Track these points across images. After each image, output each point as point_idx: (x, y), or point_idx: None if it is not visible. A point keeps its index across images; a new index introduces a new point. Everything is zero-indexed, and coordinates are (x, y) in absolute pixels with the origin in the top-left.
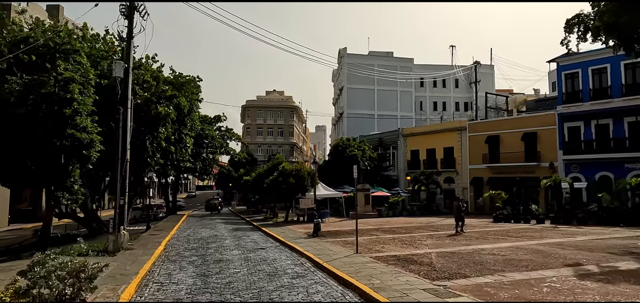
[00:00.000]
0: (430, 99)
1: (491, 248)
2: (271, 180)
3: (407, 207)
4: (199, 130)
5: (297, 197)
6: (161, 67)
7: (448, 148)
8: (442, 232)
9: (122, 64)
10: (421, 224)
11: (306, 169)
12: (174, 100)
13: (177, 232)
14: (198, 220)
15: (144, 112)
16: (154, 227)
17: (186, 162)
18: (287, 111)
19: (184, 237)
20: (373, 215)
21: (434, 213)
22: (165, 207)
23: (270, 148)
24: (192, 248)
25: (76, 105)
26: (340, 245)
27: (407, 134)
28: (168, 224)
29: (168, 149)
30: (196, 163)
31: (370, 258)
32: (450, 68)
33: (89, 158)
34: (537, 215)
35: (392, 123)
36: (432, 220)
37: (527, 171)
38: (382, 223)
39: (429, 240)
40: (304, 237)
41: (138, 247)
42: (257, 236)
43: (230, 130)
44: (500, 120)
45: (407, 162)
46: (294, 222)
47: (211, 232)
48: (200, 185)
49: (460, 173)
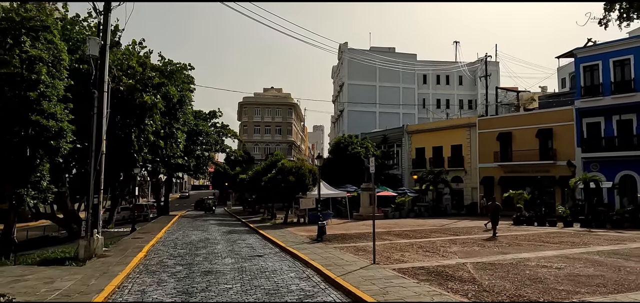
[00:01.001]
0: (434, 96)
1: (536, 258)
2: (269, 178)
3: (414, 208)
4: (192, 125)
5: (297, 196)
6: (149, 53)
7: (456, 146)
8: (463, 235)
9: (97, 40)
10: (435, 227)
11: (307, 166)
12: (162, 89)
13: (164, 234)
14: (190, 222)
15: (129, 101)
16: (140, 229)
17: (178, 159)
18: (285, 108)
19: (171, 241)
20: (379, 216)
21: (442, 215)
22: (157, 207)
23: (267, 146)
24: (178, 255)
25: (43, 88)
26: (352, 253)
27: (412, 131)
28: (156, 226)
29: (157, 144)
30: (189, 161)
31: (393, 271)
32: (454, 64)
33: (58, 150)
34: (565, 217)
35: (394, 120)
36: (443, 222)
37: (542, 170)
38: (391, 225)
39: (453, 247)
40: (307, 242)
41: (114, 254)
42: (253, 240)
43: (226, 127)
44: (512, 116)
45: (412, 160)
46: (294, 223)
47: (202, 234)
48: (196, 184)
49: (469, 173)
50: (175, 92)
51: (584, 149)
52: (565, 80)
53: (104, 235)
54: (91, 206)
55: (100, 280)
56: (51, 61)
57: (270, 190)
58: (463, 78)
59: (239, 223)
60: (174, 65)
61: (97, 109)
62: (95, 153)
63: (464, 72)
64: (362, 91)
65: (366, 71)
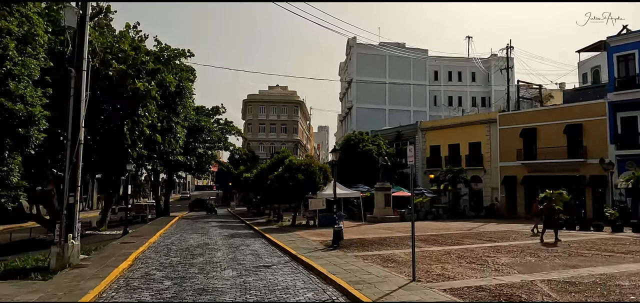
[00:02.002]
0: (445, 93)
1: (620, 275)
2: (276, 177)
3: (431, 210)
4: (193, 121)
5: (306, 196)
6: (144, 37)
7: (474, 143)
8: (502, 241)
9: (75, 9)
10: (462, 231)
11: (317, 164)
12: (158, 76)
13: (159, 238)
14: (189, 224)
15: (119, 88)
16: (133, 232)
17: (177, 155)
18: (290, 106)
19: (165, 246)
20: (395, 218)
21: (461, 217)
22: (156, 207)
23: (272, 145)
24: (169, 264)
25: (10, 66)
26: (379, 265)
27: (426, 128)
28: (152, 228)
29: (153, 138)
30: (190, 159)
31: (443, 293)
32: (466, 60)
33: (28, 140)
34: (613, 221)
35: (405, 118)
36: (468, 225)
37: (571, 169)
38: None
39: (501, 257)
40: (321, 249)
41: (94, 263)
42: (259, 246)
43: (229, 123)
44: (537, 110)
45: (426, 159)
46: (303, 226)
47: (202, 238)
48: (200, 185)
49: (489, 172)
50: (172, 80)
51: (618, 146)
52: (586, 75)
53: (93, 239)
54: (66, 206)
55: (64, 298)
56: (22, 36)
57: (277, 190)
58: (476, 74)
59: (243, 225)
60: (172, 51)
61: (74, 90)
62: (72, 143)
63: (478, 66)
64: (372, 88)
65: (375, 67)
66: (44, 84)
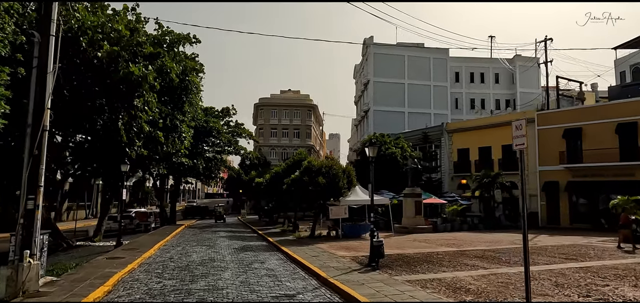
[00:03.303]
0: (467, 96)
1: None
2: (293, 180)
3: (466, 220)
4: (202, 121)
5: (327, 203)
6: (144, 20)
7: (508, 146)
8: (593, 261)
9: None
10: (517, 244)
11: (339, 166)
12: (157, 61)
13: (157, 251)
14: (195, 234)
15: (110, 74)
16: (128, 244)
17: (181, 157)
18: (303, 110)
19: (161, 263)
20: (427, 228)
21: (497, 227)
22: (161, 215)
23: (284, 151)
24: (159, 291)
25: None
26: (448, 296)
27: (453, 129)
28: (152, 239)
29: (154, 136)
30: (198, 163)
31: None
32: (489, 61)
33: None
34: None
35: (425, 121)
36: (514, 236)
37: (624, 173)
38: (452, 240)
39: (619, 285)
40: (356, 269)
41: (59, 289)
42: (275, 262)
43: (240, 125)
44: (582, 108)
45: (454, 163)
46: (323, 237)
47: (207, 252)
48: (210, 192)
49: (526, 177)
50: (174, 67)
51: None
52: (625, 74)
53: (80, 252)
54: (22, 213)
55: None
56: None
57: (293, 196)
58: (500, 75)
59: (255, 236)
60: (175, 35)
61: (38, 61)
62: (33, 130)
63: (504, 64)
64: (389, 89)
65: (393, 68)
66: (15, 62)
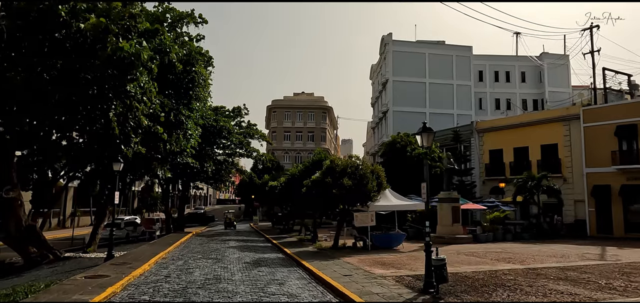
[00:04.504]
0: (491, 96)
1: None
2: (313, 182)
3: (509, 228)
4: (211, 120)
5: (353, 209)
6: None
7: (549, 145)
8: None
9: None
10: (591, 261)
11: (367, 165)
12: (155, 40)
13: (153, 267)
14: (202, 243)
15: (96, 52)
16: (122, 255)
17: (187, 157)
18: (318, 112)
19: (153, 284)
20: (466, 238)
21: (544, 236)
22: (166, 222)
23: (298, 154)
24: None
25: None
26: None
27: (484, 129)
28: (152, 249)
29: (154, 131)
30: (207, 166)
31: None
32: (514, 58)
33: None
34: None
35: (447, 122)
36: (578, 250)
37: None
38: (504, 253)
39: None
40: (411, 299)
41: None
42: (298, 284)
43: (253, 126)
44: (637, 102)
45: (485, 165)
46: (349, 249)
47: (212, 268)
48: (222, 198)
49: (570, 180)
50: (175, 48)
51: None
52: None
53: (65, 265)
54: None
55: None
56: None
57: (313, 200)
58: (526, 74)
59: (269, 246)
60: (177, 13)
61: None
62: None
63: (533, 60)
64: (409, 89)
65: (413, 66)
66: None
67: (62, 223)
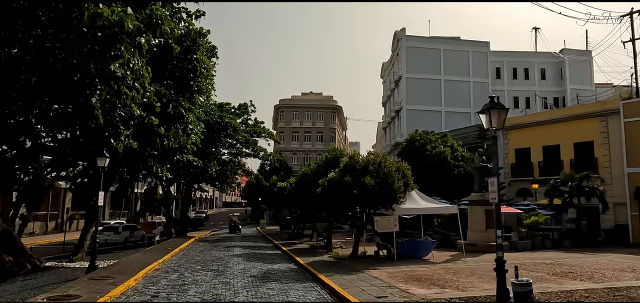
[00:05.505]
0: (510, 93)
1: None
2: (330, 182)
3: (549, 235)
4: (215, 116)
5: (374, 213)
6: None
7: (583, 143)
8: None
9: None
10: None
11: (391, 162)
12: (145, 11)
13: (140, 282)
14: (204, 249)
15: (69, 21)
16: (109, 266)
17: (187, 154)
18: (327, 112)
19: None
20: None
21: (585, 243)
22: (166, 226)
23: (307, 155)
24: None
25: None
26: None
27: (509, 126)
28: (144, 258)
29: (149, 122)
30: (210, 166)
31: None
32: (533, 55)
33: None
34: None
35: (464, 121)
36: None
37: None
38: (558, 265)
39: None
40: None
41: None
42: None
43: (260, 123)
44: None
45: (511, 166)
46: (370, 258)
47: (212, 283)
48: (228, 201)
49: (609, 181)
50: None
51: None
52: None
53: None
54: None
55: None
56: None
57: (329, 202)
58: (546, 71)
59: (278, 253)
60: None
61: None
62: None
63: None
64: (423, 86)
65: (427, 63)
66: None
67: (59, 227)
